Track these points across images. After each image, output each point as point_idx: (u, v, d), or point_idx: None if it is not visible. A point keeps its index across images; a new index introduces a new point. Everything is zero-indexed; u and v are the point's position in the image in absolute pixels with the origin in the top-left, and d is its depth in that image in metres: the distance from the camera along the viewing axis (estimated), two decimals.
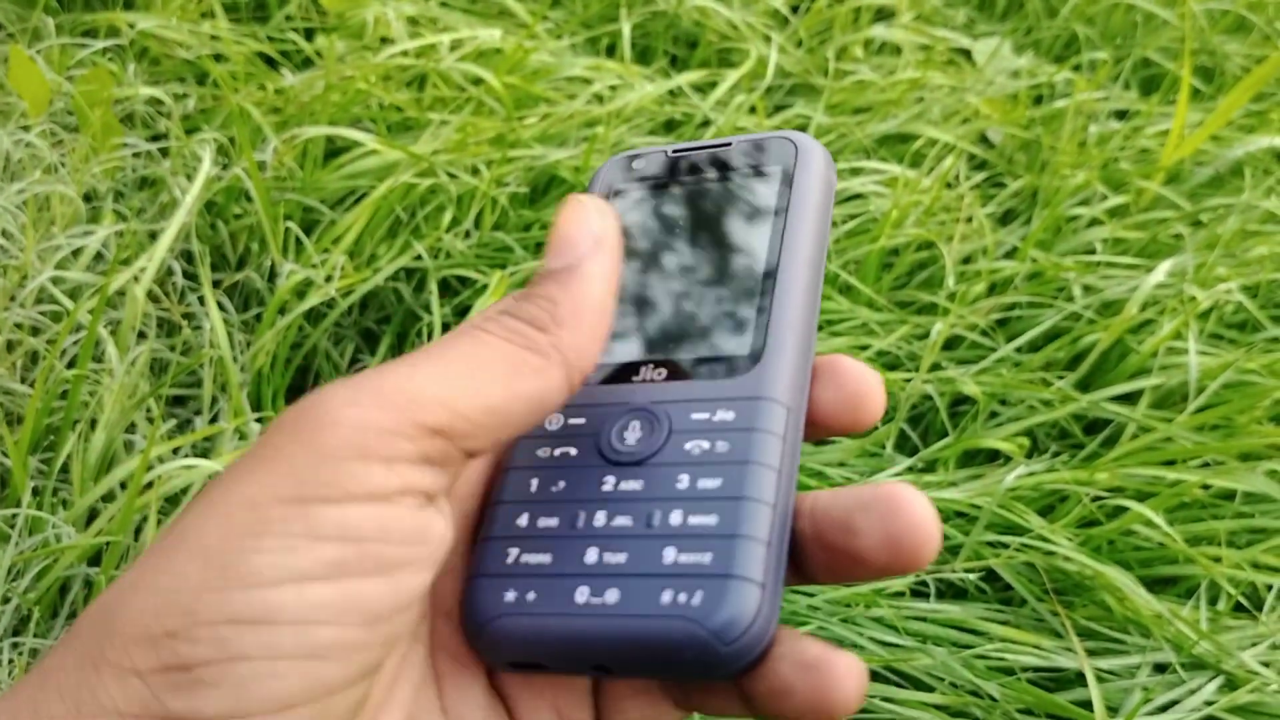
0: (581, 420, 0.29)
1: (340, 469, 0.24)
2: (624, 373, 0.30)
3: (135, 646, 0.22)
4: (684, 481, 0.27)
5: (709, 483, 0.27)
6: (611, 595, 0.26)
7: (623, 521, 0.27)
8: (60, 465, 0.70)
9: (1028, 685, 0.65)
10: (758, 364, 0.28)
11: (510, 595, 0.27)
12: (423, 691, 0.27)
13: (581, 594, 0.26)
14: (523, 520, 0.28)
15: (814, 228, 0.31)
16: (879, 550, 0.26)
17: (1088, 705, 0.65)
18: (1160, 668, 0.69)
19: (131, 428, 0.75)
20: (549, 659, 0.27)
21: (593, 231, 0.28)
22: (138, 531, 0.68)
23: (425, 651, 0.28)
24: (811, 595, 0.67)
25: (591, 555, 0.27)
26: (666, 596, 0.25)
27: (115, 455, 0.72)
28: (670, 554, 0.26)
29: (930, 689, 0.65)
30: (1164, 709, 0.66)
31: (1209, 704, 0.66)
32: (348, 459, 0.24)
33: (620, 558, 0.26)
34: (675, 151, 0.34)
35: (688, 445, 0.27)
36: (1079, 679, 0.68)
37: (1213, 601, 0.73)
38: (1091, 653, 0.68)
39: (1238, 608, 0.73)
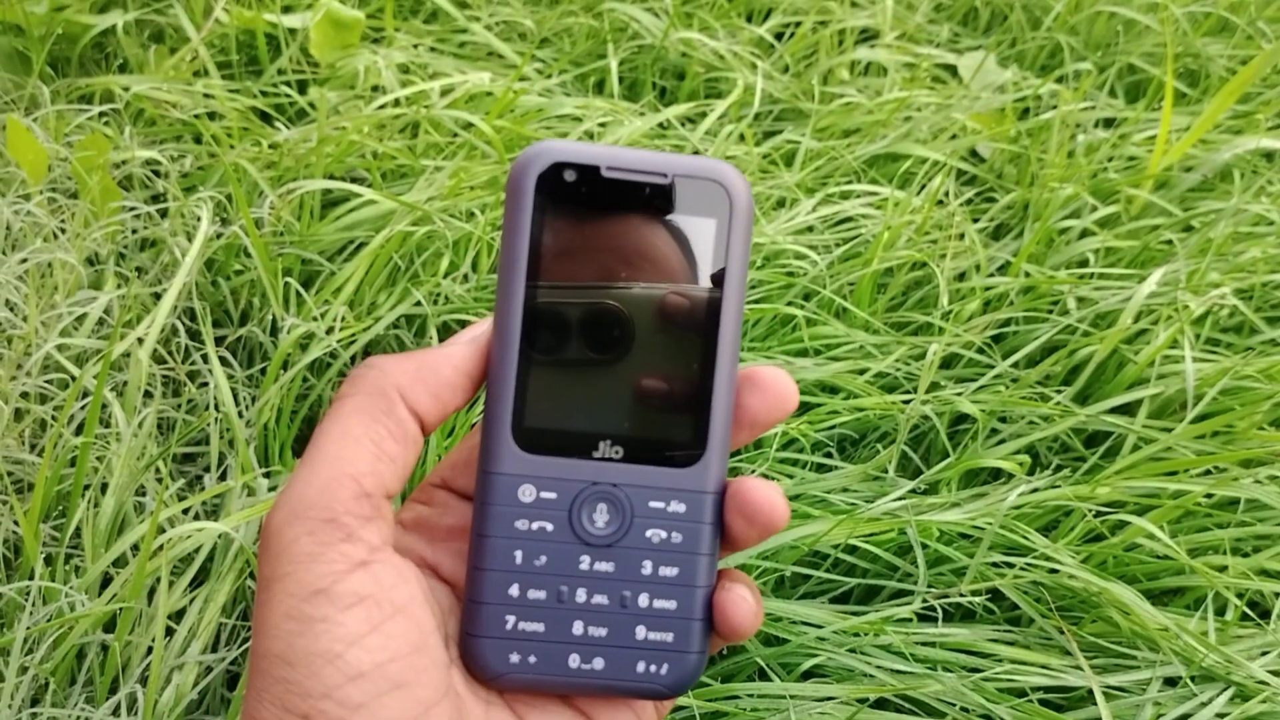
0: (552, 495, 0.34)
1: (325, 559, 0.31)
2: (583, 446, 0.34)
3: None
4: (648, 568, 0.34)
5: (668, 571, 0.34)
6: (598, 663, 0.34)
7: (600, 600, 0.34)
8: (72, 532, 0.71)
9: (1038, 707, 0.66)
10: (701, 458, 0.34)
11: (515, 658, 0.34)
12: None
13: (574, 660, 0.34)
14: (514, 590, 0.34)
15: (742, 288, 0.35)
16: (747, 531, 0.34)
17: None
18: (1170, 681, 0.69)
19: (141, 490, 0.76)
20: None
21: (471, 333, 0.35)
22: (150, 595, 0.69)
23: (501, 702, 0.35)
24: (820, 627, 0.68)
25: (578, 628, 0.34)
26: (640, 667, 0.34)
27: (126, 518, 0.73)
28: (641, 632, 0.34)
29: (942, 715, 0.66)
30: None
31: (1221, 717, 0.66)
32: (325, 552, 0.31)
33: (602, 632, 0.34)
34: (611, 170, 0.33)
35: (648, 533, 0.34)
36: (1090, 697, 0.68)
37: (1219, 612, 0.73)
38: (1101, 669, 0.69)
39: (1244, 617, 0.74)
